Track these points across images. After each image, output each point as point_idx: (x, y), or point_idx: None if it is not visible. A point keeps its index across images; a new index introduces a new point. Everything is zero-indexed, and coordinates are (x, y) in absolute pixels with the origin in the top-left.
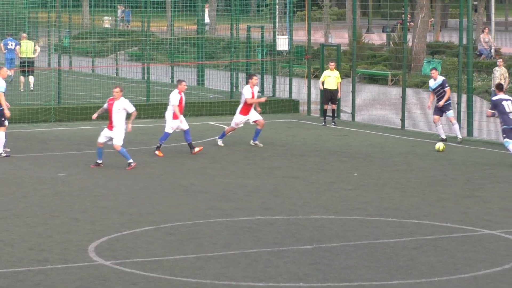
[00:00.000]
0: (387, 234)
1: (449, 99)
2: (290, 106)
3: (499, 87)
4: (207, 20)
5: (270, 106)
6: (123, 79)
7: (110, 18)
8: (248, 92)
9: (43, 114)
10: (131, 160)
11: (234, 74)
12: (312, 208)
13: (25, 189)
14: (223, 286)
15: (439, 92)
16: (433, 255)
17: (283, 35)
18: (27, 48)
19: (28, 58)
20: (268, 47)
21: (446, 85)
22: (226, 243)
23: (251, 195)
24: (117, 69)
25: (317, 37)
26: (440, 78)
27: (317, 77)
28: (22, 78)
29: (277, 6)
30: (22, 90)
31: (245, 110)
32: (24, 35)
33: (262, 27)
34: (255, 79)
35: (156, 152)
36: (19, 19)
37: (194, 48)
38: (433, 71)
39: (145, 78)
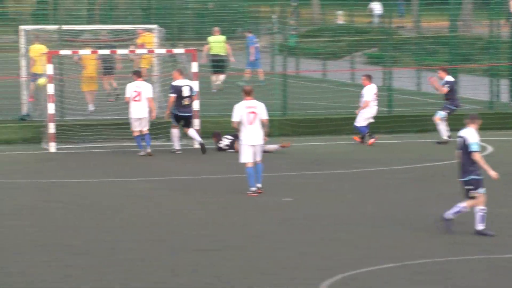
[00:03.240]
0: None
1: None
2: None
3: None
4: (379, 9)
5: None
6: (359, 85)
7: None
8: None
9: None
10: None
11: (494, 80)
12: None
13: (244, 215)
14: None
15: None
16: None
17: None
18: (217, 45)
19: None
20: None
21: None
22: (486, 286)
23: None
24: (352, 74)
25: None
26: None
27: None
28: (213, 77)
29: None
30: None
31: None
32: (216, 29)
33: None
34: None
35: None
36: (237, 13)
37: (446, 49)
38: None
39: (387, 84)
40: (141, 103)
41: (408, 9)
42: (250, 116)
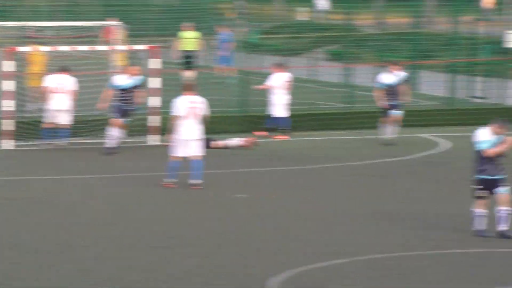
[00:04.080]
0: None
1: None
2: None
3: None
4: (323, 5)
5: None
6: (320, 82)
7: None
8: None
9: (226, 124)
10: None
11: (454, 76)
12: None
13: (193, 211)
14: None
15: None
16: None
17: None
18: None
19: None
20: (496, 43)
21: None
22: (437, 281)
23: (466, 224)
24: (313, 70)
25: None
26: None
27: None
28: (183, 73)
29: None
30: None
31: None
32: (188, 24)
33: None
34: None
35: None
36: (197, 10)
37: (407, 46)
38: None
39: (347, 81)
40: (62, 95)
41: (368, 5)
42: (190, 111)
